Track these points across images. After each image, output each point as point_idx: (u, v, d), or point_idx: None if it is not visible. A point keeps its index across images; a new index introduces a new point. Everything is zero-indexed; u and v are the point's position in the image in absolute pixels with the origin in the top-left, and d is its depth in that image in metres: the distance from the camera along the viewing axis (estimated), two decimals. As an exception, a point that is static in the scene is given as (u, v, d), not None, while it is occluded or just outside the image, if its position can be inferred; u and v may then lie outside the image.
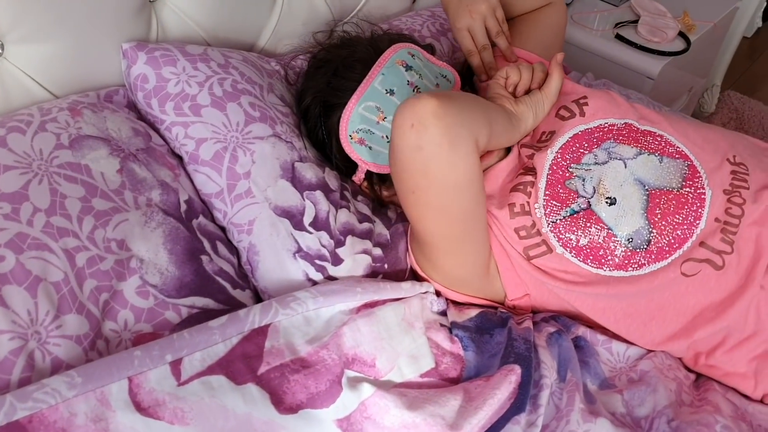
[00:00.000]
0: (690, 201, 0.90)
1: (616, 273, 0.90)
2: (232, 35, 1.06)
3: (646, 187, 0.92)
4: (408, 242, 0.98)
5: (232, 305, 0.85)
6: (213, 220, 0.91)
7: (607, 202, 0.91)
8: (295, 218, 0.88)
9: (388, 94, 0.92)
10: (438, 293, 0.99)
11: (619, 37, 1.74)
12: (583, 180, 0.94)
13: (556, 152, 0.96)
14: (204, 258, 0.85)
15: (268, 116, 0.92)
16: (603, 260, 0.90)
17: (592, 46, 1.71)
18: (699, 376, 0.97)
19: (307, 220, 0.88)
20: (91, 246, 0.77)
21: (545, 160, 0.96)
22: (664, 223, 0.90)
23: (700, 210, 0.90)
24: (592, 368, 0.94)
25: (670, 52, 1.68)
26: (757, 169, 0.95)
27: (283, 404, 0.75)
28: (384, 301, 0.89)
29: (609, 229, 0.90)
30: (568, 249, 0.91)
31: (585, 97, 1.03)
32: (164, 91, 0.90)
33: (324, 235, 0.88)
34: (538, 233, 0.92)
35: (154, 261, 0.81)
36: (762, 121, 2.39)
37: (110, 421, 0.69)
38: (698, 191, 0.91)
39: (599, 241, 0.90)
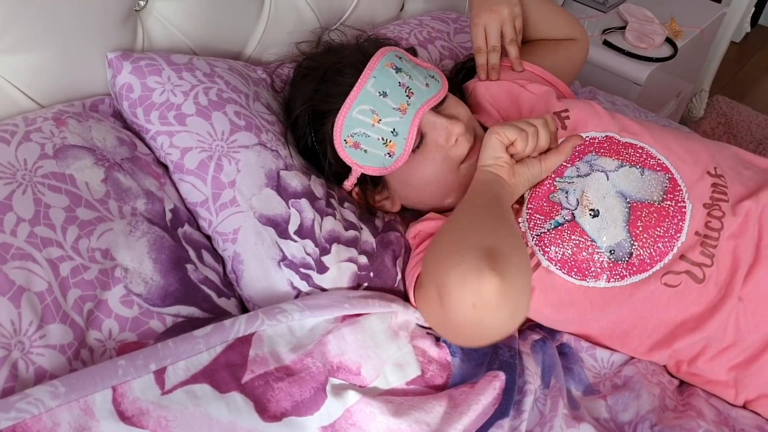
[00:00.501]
0: (671, 214, 0.91)
1: (599, 284, 0.90)
2: (218, 44, 1.06)
3: (628, 200, 0.93)
4: (409, 283, 0.95)
5: (217, 313, 0.85)
6: (199, 228, 0.91)
7: (590, 214, 0.92)
8: (280, 227, 0.88)
9: (382, 96, 0.92)
10: None
11: (606, 43, 1.75)
12: (567, 192, 0.94)
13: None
14: (189, 267, 0.85)
15: (253, 125, 0.92)
16: (586, 272, 0.91)
17: (579, 52, 1.72)
18: (682, 382, 0.97)
19: (292, 228, 0.88)
20: (75, 255, 0.77)
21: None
22: (645, 235, 0.91)
23: (680, 223, 0.91)
24: (576, 374, 0.95)
25: (657, 58, 1.69)
26: (736, 182, 0.96)
27: (267, 412, 0.75)
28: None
29: (592, 240, 0.91)
30: (553, 262, 0.91)
31: (566, 110, 1.04)
32: (149, 100, 0.91)
33: (309, 243, 0.88)
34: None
35: (138, 270, 0.81)
36: (750, 125, 2.41)
37: (94, 431, 0.69)
38: (679, 204, 0.92)
39: (583, 253, 0.91)
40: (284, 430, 0.75)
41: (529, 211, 0.94)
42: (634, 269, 0.90)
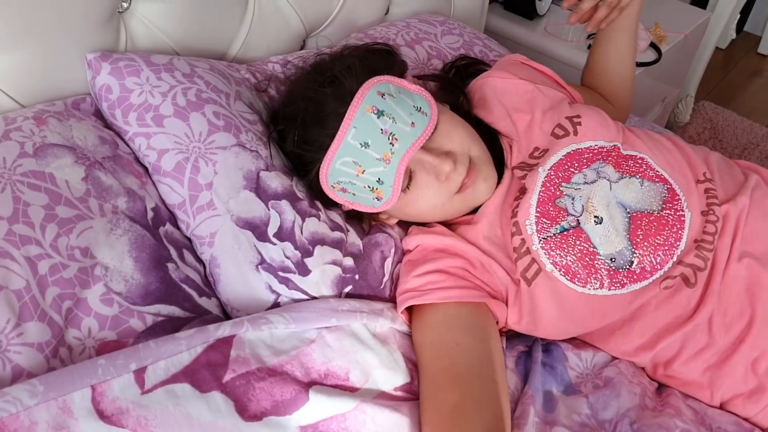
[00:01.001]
0: (670, 223, 0.92)
1: (599, 292, 0.91)
2: (201, 45, 1.06)
3: (628, 210, 0.93)
4: (400, 303, 0.94)
5: (198, 313, 0.85)
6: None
7: (595, 221, 0.92)
8: (258, 229, 0.87)
9: (363, 148, 0.87)
10: None
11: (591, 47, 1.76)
12: (573, 199, 0.94)
13: (549, 170, 0.97)
14: (170, 266, 0.85)
15: (233, 125, 0.91)
16: (587, 279, 0.91)
17: (565, 56, 1.74)
18: (661, 385, 0.98)
19: (271, 230, 0.87)
20: (54, 254, 0.77)
21: (537, 178, 0.96)
22: (645, 243, 0.91)
23: (680, 232, 0.92)
24: (558, 373, 0.95)
25: (641, 62, 1.70)
26: (720, 186, 0.99)
27: (247, 411, 0.75)
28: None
29: (594, 248, 0.91)
30: (557, 267, 0.91)
31: (579, 116, 1.03)
32: (127, 101, 0.90)
33: (288, 246, 0.87)
34: (528, 251, 0.93)
35: (119, 268, 0.81)
36: (735, 130, 2.43)
37: (72, 430, 0.68)
38: (678, 213, 0.93)
39: (585, 259, 0.91)
40: (264, 429, 0.74)
41: (537, 214, 0.94)
42: (635, 277, 0.91)
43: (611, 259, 0.91)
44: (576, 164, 0.97)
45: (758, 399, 0.90)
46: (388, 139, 0.87)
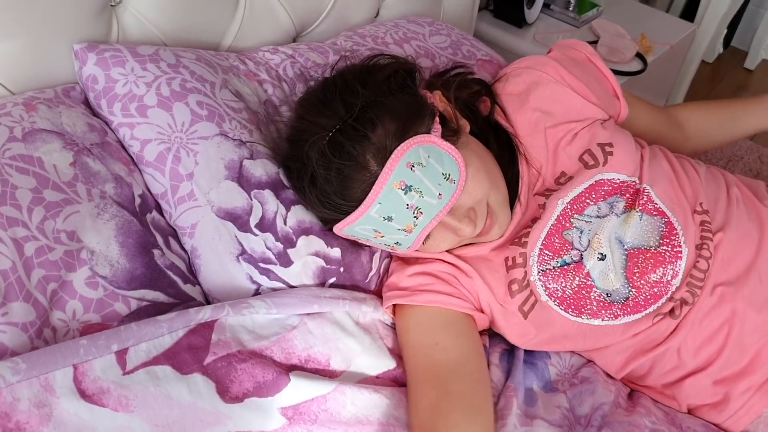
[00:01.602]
0: (667, 259, 0.91)
1: (593, 321, 0.92)
2: (193, 40, 1.08)
3: (625, 247, 0.92)
4: (385, 300, 0.95)
5: (182, 299, 0.86)
6: (166, 216, 0.92)
7: (598, 257, 0.91)
8: (240, 219, 0.88)
9: (386, 221, 0.83)
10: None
11: (578, 56, 1.79)
12: (581, 232, 0.92)
13: (567, 203, 0.93)
14: (156, 252, 0.86)
15: (216, 114, 0.92)
16: (582, 309, 0.91)
17: (552, 64, 1.76)
18: (633, 391, 1.01)
19: (253, 221, 0.88)
20: (40, 236, 0.78)
21: (554, 210, 0.93)
22: (642, 282, 0.91)
23: (676, 268, 0.91)
24: (540, 370, 0.97)
25: (627, 72, 1.73)
26: (716, 214, 0.97)
27: (228, 393, 0.76)
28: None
29: (592, 281, 0.91)
30: (552, 298, 0.91)
31: (612, 145, 0.96)
32: (112, 92, 0.91)
33: (269, 237, 0.88)
34: (527, 284, 0.91)
35: (105, 253, 0.82)
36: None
37: (54, 407, 0.69)
38: (675, 249, 0.92)
39: (582, 292, 0.91)
40: (245, 411, 0.76)
41: (542, 246, 0.91)
42: (629, 310, 0.91)
43: (607, 294, 0.91)
44: (594, 195, 0.93)
45: (722, 409, 0.92)
46: (413, 213, 0.83)
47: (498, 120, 1.01)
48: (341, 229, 0.87)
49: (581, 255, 0.91)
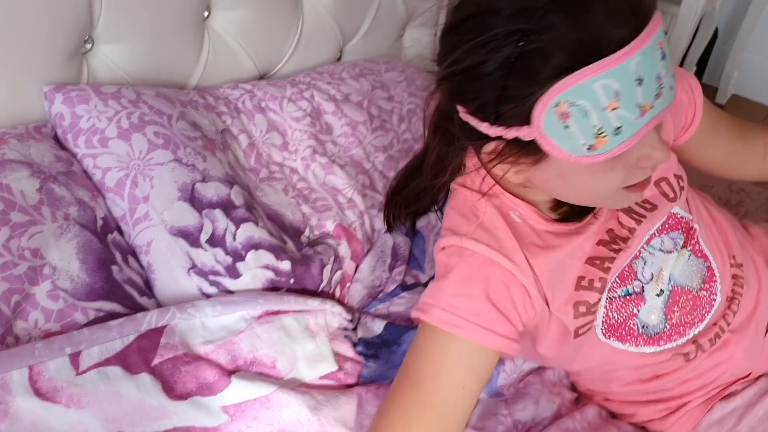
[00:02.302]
0: (702, 305, 0.91)
1: (614, 343, 0.90)
2: (159, 81, 1.17)
3: (672, 282, 0.91)
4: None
5: (137, 310, 0.93)
6: (128, 238, 1.00)
7: (657, 293, 0.89)
8: (191, 236, 0.96)
9: (636, 83, 0.66)
10: (347, 309, 1.06)
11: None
12: (645, 263, 0.89)
13: (650, 234, 0.90)
14: (114, 268, 0.93)
15: (172, 142, 1.01)
16: (614, 333, 0.89)
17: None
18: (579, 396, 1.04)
19: (203, 237, 0.96)
20: (5, 253, 0.85)
21: (641, 240, 0.89)
22: (677, 321, 0.91)
23: (706, 315, 0.92)
24: (492, 377, 1.01)
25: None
26: (750, 272, 0.96)
27: (174, 392, 0.82)
28: (287, 311, 0.97)
29: (638, 311, 0.89)
30: (604, 325, 0.88)
31: (683, 178, 0.93)
32: (77, 127, 1.00)
33: (219, 251, 0.96)
34: (595, 311, 0.86)
35: (66, 268, 0.89)
36: (691, 173, 2.51)
37: (10, 404, 0.76)
38: (711, 296, 0.92)
39: (628, 321, 0.89)
40: (189, 408, 0.82)
41: (618, 273, 0.88)
42: (650, 341, 0.91)
43: (643, 326, 0.90)
44: (661, 227, 0.91)
45: (664, 421, 0.96)
46: (656, 90, 0.68)
47: None
48: (574, 81, 0.64)
49: (643, 287, 0.89)
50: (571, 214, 0.87)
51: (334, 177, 1.18)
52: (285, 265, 0.99)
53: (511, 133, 0.71)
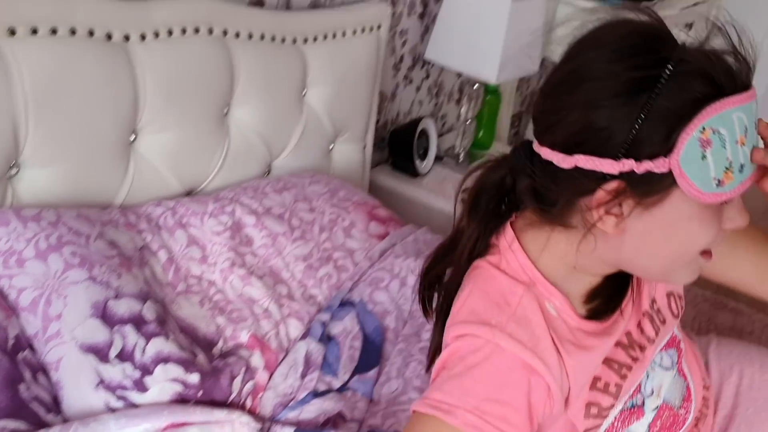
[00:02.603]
0: (678, 422, 0.93)
1: None
2: (85, 201, 1.22)
3: (662, 399, 0.92)
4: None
5: (42, 427, 0.94)
6: (40, 355, 1.02)
7: (654, 408, 0.90)
8: (101, 352, 0.98)
9: (753, 126, 0.72)
10: (257, 419, 1.08)
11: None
12: (647, 377, 0.90)
13: (661, 347, 0.92)
14: (22, 386, 0.95)
15: (87, 261, 1.05)
16: None
17: (445, 209, 1.96)
18: None
19: (113, 352, 0.99)
20: None
21: (656, 352, 0.90)
22: None
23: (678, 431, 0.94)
24: None
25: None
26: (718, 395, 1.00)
27: None
28: (192, 423, 1.00)
29: (633, 424, 0.89)
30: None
31: (682, 298, 0.97)
32: None
33: (128, 366, 0.98)
34: (606, 416, 0.84)
35: (-29, 388, 0.91)
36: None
37: None
38: (686, 415, 0.94)
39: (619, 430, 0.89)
40: None
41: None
42: None
43: None
44: (665, 343, 0.93)
45: None
46: (750, 145, 0.71)
47: None
48: (716, 110, 0.67)
49: (644, 400, 0.89)
50: (599, 311, 0.83)
51: (251, 288, 1.23)
52: (194, 378, 1.02)
53: (643, 167, 0.68)
